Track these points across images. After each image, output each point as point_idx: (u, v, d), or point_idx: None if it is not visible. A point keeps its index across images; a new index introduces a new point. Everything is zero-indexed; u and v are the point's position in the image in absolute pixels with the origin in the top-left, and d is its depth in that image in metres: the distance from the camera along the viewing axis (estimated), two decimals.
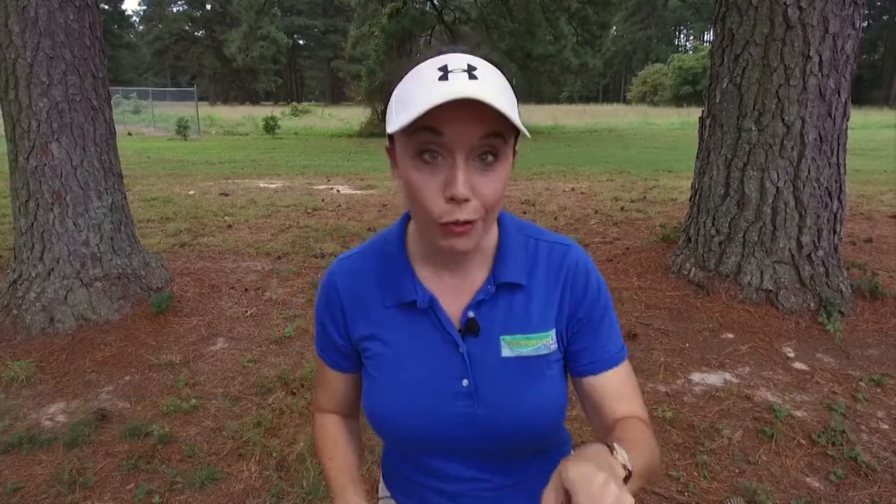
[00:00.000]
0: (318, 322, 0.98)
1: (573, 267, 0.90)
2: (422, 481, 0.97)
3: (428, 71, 0.73)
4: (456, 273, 0.89)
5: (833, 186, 4.00)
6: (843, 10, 3.80)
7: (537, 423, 0.88)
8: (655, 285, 4.37)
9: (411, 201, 0.78)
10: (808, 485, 2.53)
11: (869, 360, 3.52)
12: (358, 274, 0.92)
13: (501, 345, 0.87)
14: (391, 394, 0.89)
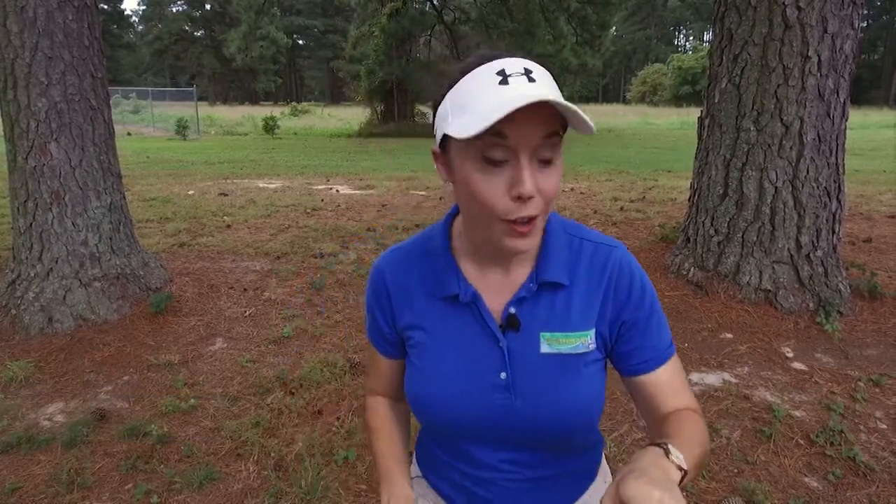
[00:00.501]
0: (369, 311, 1.03)
1: (616, 268, 0.91)
2: (454, 465, 0.99)
3: (485, 76, 0.76)
4: (499, 270, 0.91)
5: (832, 186, 4.01)
6: (842, 10, 3.80)
7: (573, 420, 0.89)
8: (654, 285, 4.35)
9: (472, 201, 0.80)
10: (807, 485, 2.53)
11: (868, 360, 3.52)
12: (404, 267, 0.95)
13: (541, 341, 0.89)
14: (432, 382, 0.92)
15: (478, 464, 0.96)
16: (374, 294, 0.99)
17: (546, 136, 0.76)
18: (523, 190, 0.75)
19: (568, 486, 1.00)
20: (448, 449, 0.99)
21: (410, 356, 0.97)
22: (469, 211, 0.83)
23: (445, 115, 0.79)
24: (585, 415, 0.90)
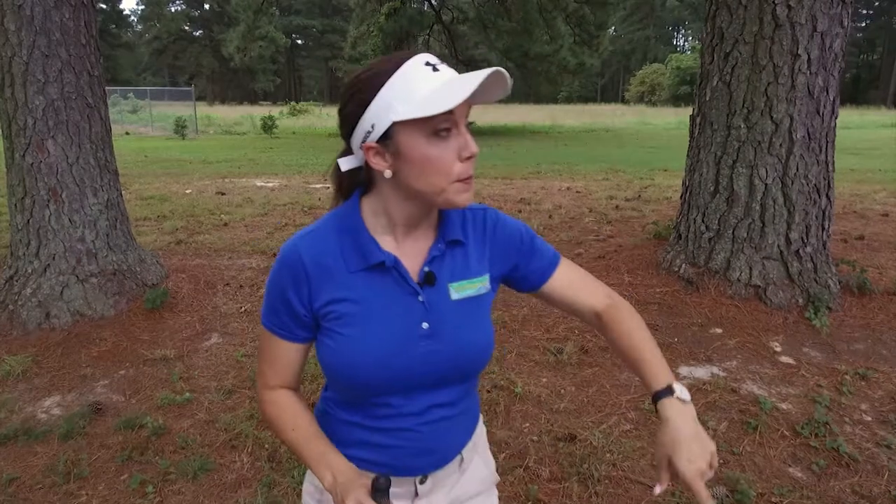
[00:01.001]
0: (277, 296, 1.04)
1: (492, 224, 1.13)
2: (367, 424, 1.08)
3: (417, 68, 0.91)
4: (410, 241, 1.06)
5: (822, 184, 4.05)
6: (832, 9, 3.84)
7: (483, 351, 1.09)
8: (646, 281, 4.41)
9: (426, 173, 0.94)
10: (791, 475, 2.57)
11: (855, 354, 3.57)
12: (321, 247, 1.02)
13: (450, 291, 1.06)
14: (364, 343, 1.00)
15: (406, 415, 1.06)
16: (290, 276, 1.02)
17: (468, 107, 0.94)
18: (473, 150, 0.95)
19: (467, 423, 1.18)
20: (368, 410, 1.07)
21: (333, 329, 1.02)
22: (420, 185, 0.96)
23: (386, 108, 0.91)
24: (489, 345, 1.10)
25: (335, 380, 1.07)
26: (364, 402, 1.06)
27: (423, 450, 1.09)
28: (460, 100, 0.86)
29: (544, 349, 3.67)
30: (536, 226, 6.92)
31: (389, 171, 0.96)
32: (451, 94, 0.88)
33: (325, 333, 1.03)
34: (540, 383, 3.30)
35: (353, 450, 1.09)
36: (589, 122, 31.78)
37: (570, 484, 2.52)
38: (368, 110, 0.92)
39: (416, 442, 1.08)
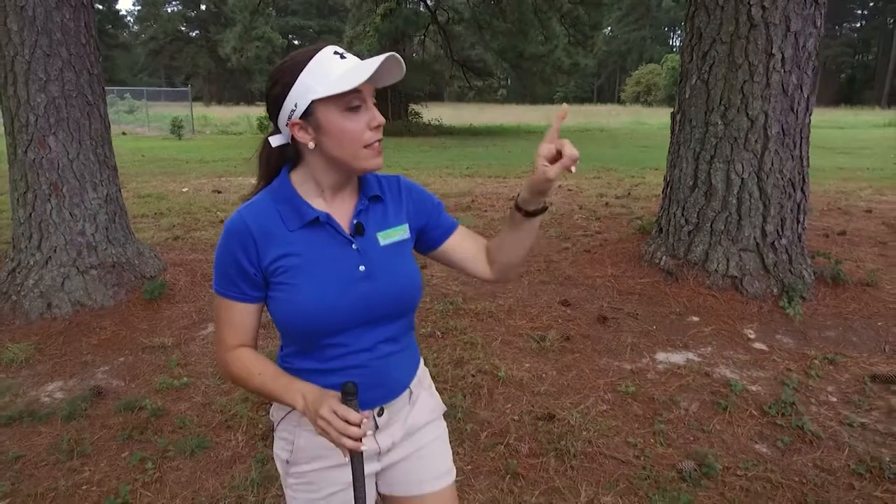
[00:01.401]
0: (230, 263, 1.17)
1: (406, 186, 1.34)
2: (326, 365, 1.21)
3: (328, 57, 1.11)
4: (338, 201, 1.25)
5: (796, 178, 4.20)
6: (805, 10, 4.00)
7: (412, 286, 1.27)
8: (628, 273, 4.56)
9: (343, 141, 1.13)
10: (756, 450, 2.72)
11: (826, 340, 3.72)
12: (263, 214, 1.18)
13: (378, 238, 1.24)
14: (311, 289, 1.15)
15: (355, 351, 1.21)
16: (239, 242, 1.15)
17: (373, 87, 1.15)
18: (380, 120, 1.15)
19: (410, 360, 1.35)
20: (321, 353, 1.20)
21: (282, 282, 1.16)
22: (338, 152, 1.15)
23: (305, 89, 1.10)
24: (417, 281, 1.28)
25: (289, 330, 1.20)
26: (317, 347, 1.19)
27: (375, 383, 1.23)
28: (364, 78, 1.06)
29: (528, 337, 3.81)
30: None
31: (313, 143, 1.14)
32: (358, 74, 1.07)
33: (275, 288, 1.17)
34: (523, 368, 3.45)
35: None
36: (584, 122, 31.92)
37: (547, 459, 2.66)
38: (291, 92, 1.11)
39: (368, 377, 1.21)
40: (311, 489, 1.28)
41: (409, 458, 1.36)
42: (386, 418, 1.29)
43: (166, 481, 2.56)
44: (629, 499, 2.42)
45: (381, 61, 1.07)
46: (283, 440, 1.30)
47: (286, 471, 1.31)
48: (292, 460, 1.28)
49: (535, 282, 4.76)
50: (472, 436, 2.83)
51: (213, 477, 2.60)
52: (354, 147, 1.14)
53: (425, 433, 1.38)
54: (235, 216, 1.18)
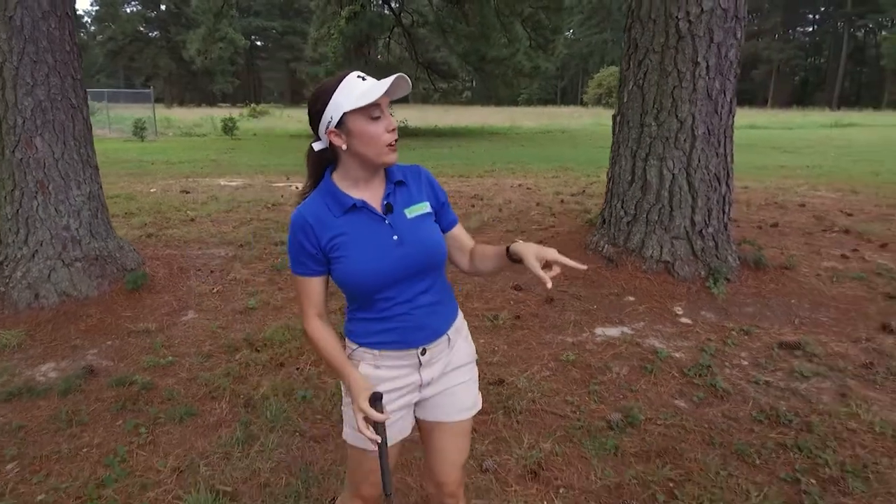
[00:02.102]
0: (298, 248, 1.54)
1: (426, 175, 1.69)
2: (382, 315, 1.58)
3: (353, 80, 1.47)
4: (370, 191, 1.59)
5: (721, 173, 4.71)
6: (726, 23, 4.50)
7: (437, 247, 1.61)
8: (575, 261, 5.01)
9: (369, 143, 1.49)
10: (675, 405, 3.18)
11: (744, 315, 4.22)
12: (314, 207, 1.56)
13: (405, 213, 1.59)
14: (359, 259, 1.52)
15: (400, 302, 1.57)
16: (301, 230, 1.53)
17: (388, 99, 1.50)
18: (394, 126, 1.51)
19: (446, 311, 1.69)
20: (374, 309, 1.58)
21: (339, 256, 1.53)
22: (365, 151, 1.50)
23: (338, 105, 1.46)
24: (442, 244, 1.63)
25: (349, 290, 1.58)
26: (371, 301, 1.57)
27: (416, 327, 1.60)
28: (379, 94, 1.43)
29: (483, 317, 4.23)
30: (487, 218, 7.49)
31: (345, 146, 1.50)
32: (376, 91, 1.44)
33: (334, 262, 1.55)
34: (478, 343, 3.81)
35: (372, 337, 1.61)
36: (547, 124, 32.62)
37: (496, 416, 3.07)
38: (327, 108, 1.48)
39: (411, 322, 1.59)
40: None
41: (443, 394, 1.72)
42: (427, 357, 1.64)
43: (159, 443, 2.89)
44: (565, 444, 2.85)
45: (392, 81, 1.43)
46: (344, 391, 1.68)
47: (345, 394, 1.67)
48: None
49: None
50: None
51: (201, 438, 2.93)
52: (377, 146, 1.49)
53: (459, 374, 1.73)
54: (296, 213, 1.55)
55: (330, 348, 1.59)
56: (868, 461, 2.72)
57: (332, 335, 1.62)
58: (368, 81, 1.48)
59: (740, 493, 2.52)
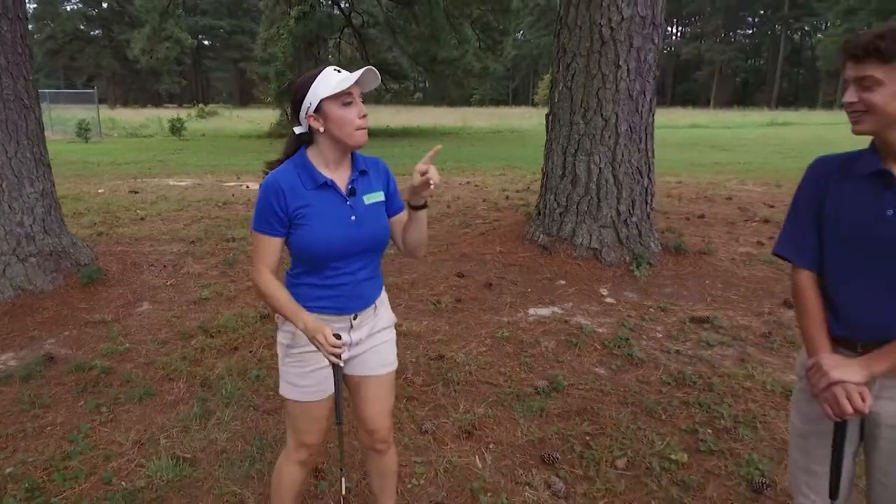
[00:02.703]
0: (267, 208, 1.73)
1: (383, 166, 1.95)
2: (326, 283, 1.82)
3: (330, 72, 1.71)
4: (339, 172, 1.83)
5: (643, 167, 5.15)
6: (644, 30, 4.94)
7: (385, 234, 1.88)
8: (513, 250, 5.39)
9: (343, 125, 1.72)
10: (595, 372, 3.55)
11: (662, 295, 4.66)
12: (288, 175, 1.77)
13: (364, 199, 1.83)
14: (320, 230, 1.75)
15: (345, 273, 1.83)
16: (273, 192, 1.73)
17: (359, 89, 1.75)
18: (364, 112, 1.75)
19: (376, 285, 1.96)
20: (322, 276, 1.81)
21: (302, 223, 1.74)
22: (338, 133, 1.73)
23: (317, 93, 1.70)
24: (388, 230, 1.89)
25: (303, 255, 1.78)
26: (321, 268, 1.81)
27: (355, 295, 1.86)
28: (351, 83, 1.68)
29: (427, 301, 4.54)
30: (436, 213, 7.81)
31: (322, 128, 1.73)
32: (348, 81, 1.68)
33: (296, 227, 1.78)
34: (421, 325, 4.17)
35: (314, 302, 1.85)
36: (498, 124, 33.20)
37: (436, 386, 3.39)
38: (307, 96, 1.71)
39: (351, 291, 1.85)
40: (301, 365, 1.89)
41: (370, 351, 1.96)
42: (358, 321, 1.90)
43: (120, 420, 3.10)
44: (496, 408, 3.18)
45: (362, 73, 1.68)
46: (287, 332, 1.88)
47: (285, 353, 1.89)
48: (292, 344, 1.87)
49: (436, 260, 5.50)
50: None
51: (160, 415, 3.15)
52: (349, 128, 1.72)
53: (382, 335, 1.99)
54: (270, 177, 1.76)
55: (285, 297, 1.80)
56: (758, 413, 3.14)
57: (283, 288, 1.83)
58: (343, 73, 1.72)
59: (647, 443, 2.89)
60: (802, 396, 1.69)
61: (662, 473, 2.66)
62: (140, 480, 2.62)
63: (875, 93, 1.39)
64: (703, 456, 2.79)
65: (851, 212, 1.55)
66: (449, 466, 2.71)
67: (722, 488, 2.58)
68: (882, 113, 1.40)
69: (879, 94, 1.39)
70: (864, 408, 1.48)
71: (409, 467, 2.71)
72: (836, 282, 1.61)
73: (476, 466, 2.72)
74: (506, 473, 2.67)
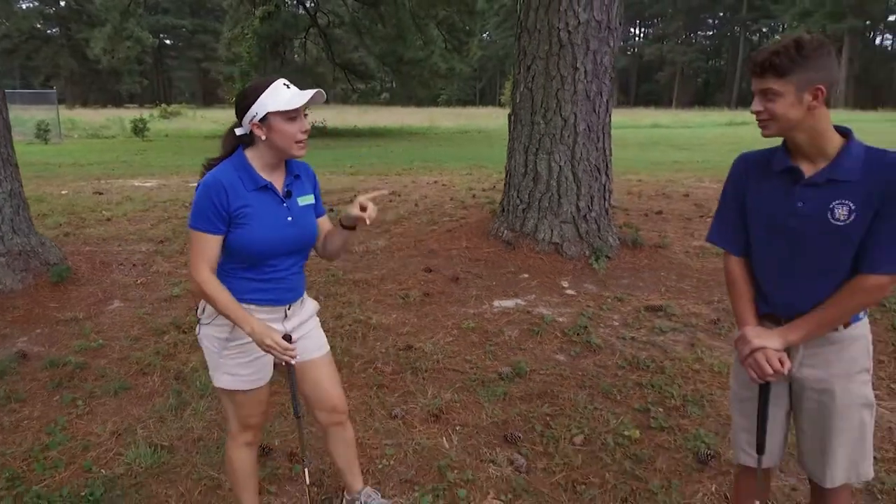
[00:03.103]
0: (208, 205, 1.84)
1: (312, 172, 2.09)
2: (261, 278, 1.95)
3: (279, 86, 1.81)
4: (276, 175, 1.95)
5: (601, 165, 5.38)
6: (600, 34, 5.17)
7: (315, 233, 2.04)
8: (479, 245, 5.58)
9: (286, 137, 1.82)
10: (556, 358, 3.75)
11: (620, 286, 4.90)
12: (229, 175, 1.87)
13: (298, 201, 1.98)
14: (260, 229, 1.87)
15: (281, 269, 1.96)
16: (215, 190, 1.80)
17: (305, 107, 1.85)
18: (307, 128, 1.87)
19: (303, 279, 2.10)
20: (260, 271, 1.92)
21: (242, 223, 1.84)
22: (280, 144, 1.84)
23: (264, 105, 1.79)
24: (317, 230, 2.04)
25: (243, 252, 1.87)
26: (258, 265, 1.93)
27: (289, 288, 2.01)
28: (301, 104, 1.80)
29: (396, 295, 4.70)
30: (404, 212, 7.96)
31: (264, 136, 1.84)
32: (298, 100, 1.80)
33: (237, 226, 1.88)
34: (390, 318, 4.32)
35: (250, 294, 1.96)
36: (464, 124, 33.42)
37: (405, 374, 3.55)
38: (254, 105, 1.80)
39: (285, 285, 1.98)
40: (242, 356, 1.98)
41: (304, 338, 2.09)
42: (291, 312, 2.05)
43: (96, 413, 3.18)
44: (462, 393, 3.35)
45: (312, 95, 1.81)
46: (222, 326, 1.94)
47: (223, 346, 1.94)
48: (230, 337, 1.94)
49: (405, 256, 5.66)
50: (349, 365, 3.66)
51: (136, 407, 3.24)
52: (290, 142, 1.83)
53: (310, 322, 2.15)
54: (211, 177, 1.84)
55: (229, 298, 1.87)
56: (705, 393, 3.37)
57: (225, 289, 1.88)
58: (292, 90, 1.82)
59: (602, 422, 3.10)
60: (738, 365, 1.90)
61: (616, 448, 2.86)
62: (119, 468, 2.72)
63: (776, 103, 1.60)
64: (654, 432, 3.01)
65: (768, 204, 1.76)
66: (418, 447, 2.87)
67: (671, 460, 2.79)
68: (783, 119, 1.61)
69: (779, 104, 1.60)
70: (783, 370, 1.70)
71: (380, 449, 2.87)
72: (759, 266, 1.83)
73: (443, 447, 2.89)
74: (471, 452, 2.84)
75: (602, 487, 2.61)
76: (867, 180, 1.61)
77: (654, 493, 2.55)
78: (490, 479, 2.66)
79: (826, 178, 1.64)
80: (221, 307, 1.85)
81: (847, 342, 1.74)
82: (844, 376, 1.74)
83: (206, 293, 1.85)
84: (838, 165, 1.64)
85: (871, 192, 1.60)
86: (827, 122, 1.65)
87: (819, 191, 1.65)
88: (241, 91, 1.88)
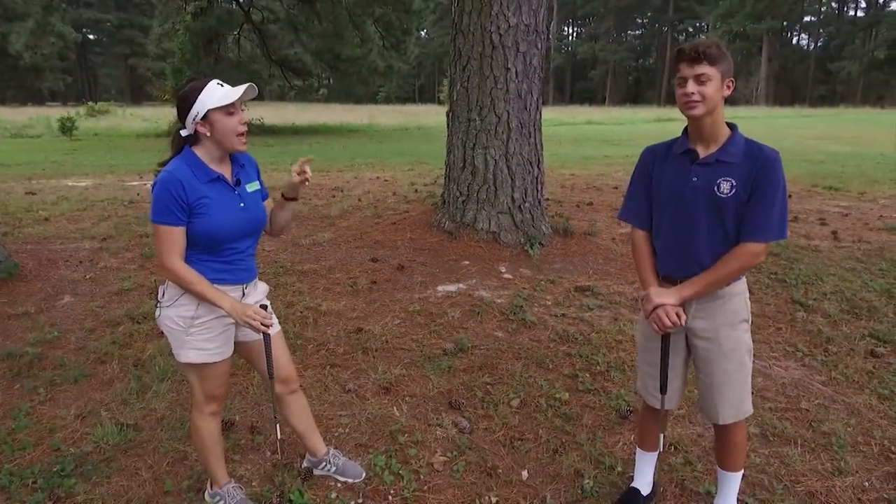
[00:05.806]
0: (168, 199, 1.97)
1: (253, 160, 2.31)
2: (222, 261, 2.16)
3: (214, 85, 2.02)
4: (224, 167, 2.16)
5: (534, 159, 5.78)
6: (529, 37, 5.55)
7: (265, 216, 2.28)
8: (422, 237, 5.89)
9: (227, 132, 2.04)
10: (494, 335, 4.10)
11: (552, 270, 5.30)
12: (183, 171, 2.04)
13: (247, 188, 2.21)
14: (218, 217, 2.07)
15: (239, 251, 2.18)
16: (174, 185, 1.97)
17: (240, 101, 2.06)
18: (244, 120, 2.09)
19: (255, 262, 2.34)
20: (220, 255, 2.13)
21: (201, 213, 2.03)
22: (222, 138, 2.05)
23: (204, 103, 1.99)
24: (265, 212, 2.28)
25: (204, 239, 2.05)
26: (219, 249, 2.16)
27: (246, 269, 2.24)
28: (236, 98, 2.00)
29: (345, 284, 4.95)
30: (347, 206, 8.17)
31: (208, 133, 2.04)
32: (231, 95, 2.00)
33: (197, 216, 2.09)
34: (340, 304, 4.57)
35: (215, 275, 2.18)
36: (404, 121, 33.68)
37: (356, 354, 3.82)
38: (195, 105, 2.00)
39: (243, 265, 2.22)
40: (209, 331, 2.19)
41: None
42: (249, 290, 2.27)
43: (59, 399, 3.32)
44: (410, 368, 3.65)
45: (244, 89, 2.01)
46: (187, 305, 2.12)
47: (190, 324, 2.11)
48: (197, 315, 2.12)
49: (351, 248, 5.91)
50: (302, 347, 3.89)
51: (98, 392, 3.39)
52: (232, 135, 2.05)
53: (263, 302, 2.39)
54: (167, 173, 2.01)
55: (203, 282, 2.06)
56: (626, 360, 3.78)
57: (198, 273, 2.07)
58: (225, 87, 2.03)
59: (536, 387, 3.46)
60: (643, 321, 2.28)
61: (548, 409, 3.23)
62: (88, 446, 2.88)
63: (706, 86, 1.95)
64: (581, 394, 3.39)
65: (669, 181, 2.14)
66: (371, 416, 3.16)
67: (596, 417, 3.18)
68: (710, 101, 1.97)
69: (709, 87, 1.95)
70: (679, 322, 2.08)
71: (336, 420, 3.14)
72: (659, 235, 2.21)
73: (394, 415, 3.18)
74: (420, 418, 3.15)
75: (536, 442, 2.96)
76: (745, 164, 2.01)
77: (581, 445, 2.92)
78: (437, 439, 2.97)
79: (715, 159, 2.04)
80: (198, 290, 2.05)
81: (729, 297, 2.14)
82: (728, 325, 2.14)
83: (182, 279, 2.04)
84: (725, 150, 2.03)
85: (748, 174, 1.99)
86: (723, 114, 2.04)
87: (709, 169, 2.04)
88: (181, 95, 2.05)
